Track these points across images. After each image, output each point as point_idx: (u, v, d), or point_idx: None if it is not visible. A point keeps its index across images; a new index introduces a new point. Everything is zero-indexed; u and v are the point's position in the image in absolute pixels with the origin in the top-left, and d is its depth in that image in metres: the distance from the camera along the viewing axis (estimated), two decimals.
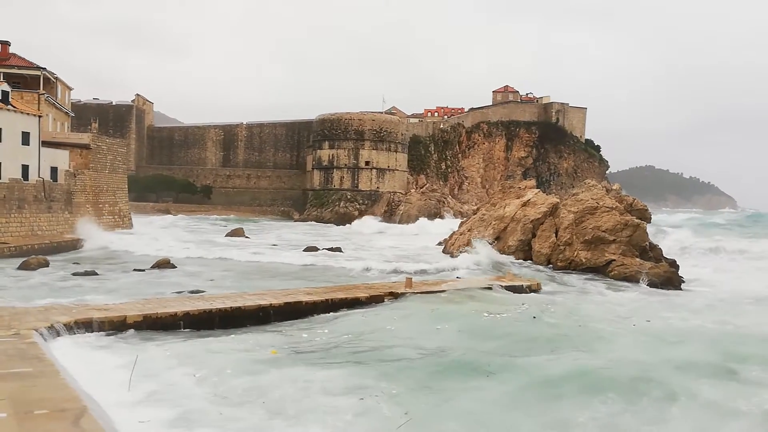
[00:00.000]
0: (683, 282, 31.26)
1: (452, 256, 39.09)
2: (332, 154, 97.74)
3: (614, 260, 32.45)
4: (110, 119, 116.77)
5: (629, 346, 16.83)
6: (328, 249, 44.30)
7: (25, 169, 41.20)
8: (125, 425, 9.83)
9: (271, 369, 13.69)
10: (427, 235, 59.01)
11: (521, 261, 36.04)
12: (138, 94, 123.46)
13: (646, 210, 37.58)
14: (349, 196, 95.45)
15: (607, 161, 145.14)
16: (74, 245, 40.04)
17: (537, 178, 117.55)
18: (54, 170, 44.21)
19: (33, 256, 32.21)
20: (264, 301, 19.25)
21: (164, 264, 32.08)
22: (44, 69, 49.82)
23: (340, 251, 43.74)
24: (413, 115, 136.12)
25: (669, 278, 30.97)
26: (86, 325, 15.55)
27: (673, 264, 32.79)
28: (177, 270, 31.22)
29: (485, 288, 24.31)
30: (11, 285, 24.90)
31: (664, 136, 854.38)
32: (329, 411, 11.29)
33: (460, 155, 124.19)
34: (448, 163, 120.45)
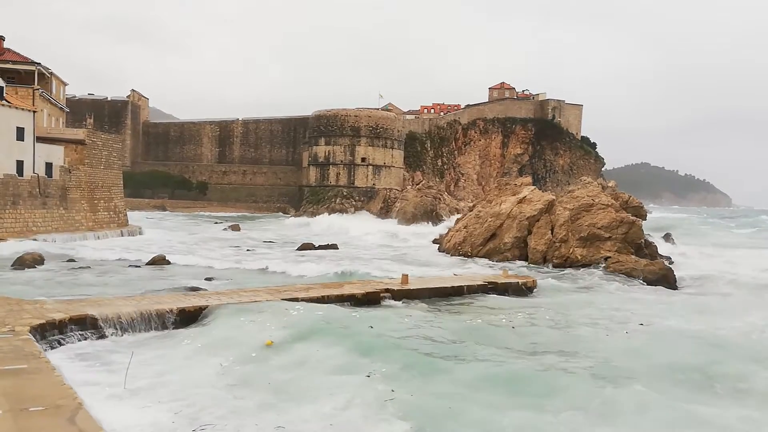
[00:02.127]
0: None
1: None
2: (328, 151, 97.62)
3: (610, 257, 32.55)
4: (105, 115, 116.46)
5: (618, 344, 16.88)
6: (323, 246, 44.36)
7: (19, 164, 41.04)
8: (120, 421, 9.85)
9: (271, 355, 14.24)
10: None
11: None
12: (133, 90, 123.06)
13: (642, 207, 37.71)
14: (345, 193, 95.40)
15: (602, 158, 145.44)
16: None
17: (533, 175, 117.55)
18: (49, 166, 44.05)
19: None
20: (259, 299, 19.21)
21: (160, 261, 32.10)
22: (39, 64, 49.48)
23: (336, 248, 43.79)
24: (409, 112, 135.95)
25: (664, 276, 31.02)
26: (81, 322, 15.51)
27: (669, 261, 32.91)
28: (172, 267, 31.22)
29: (480, 285, 24.34)
30: (5, 281, 24.80)
31: (660, 134, 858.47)
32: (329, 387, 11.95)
33: (456, 152, 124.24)
34: (445, 159, 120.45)
